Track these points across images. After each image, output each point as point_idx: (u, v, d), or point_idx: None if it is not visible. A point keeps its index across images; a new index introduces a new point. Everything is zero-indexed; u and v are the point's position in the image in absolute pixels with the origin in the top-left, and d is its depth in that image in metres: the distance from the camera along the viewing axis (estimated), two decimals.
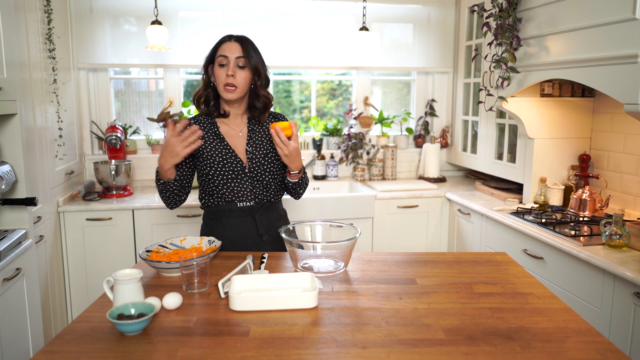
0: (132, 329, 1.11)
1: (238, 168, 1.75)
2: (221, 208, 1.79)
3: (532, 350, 1.06)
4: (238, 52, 1.71)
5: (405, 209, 3.16)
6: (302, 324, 1.17)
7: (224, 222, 1.79)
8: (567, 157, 2.79)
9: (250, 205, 1.79)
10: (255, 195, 1.79)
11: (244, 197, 1.78)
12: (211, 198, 1.80)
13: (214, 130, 1.79)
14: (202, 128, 1.78)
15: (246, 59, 1.71)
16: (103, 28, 3.16)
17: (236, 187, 1.76)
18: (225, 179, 1.75)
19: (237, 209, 1.78)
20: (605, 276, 1.90)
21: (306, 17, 3.41)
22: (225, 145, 1.77)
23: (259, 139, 1.81)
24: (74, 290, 2.82)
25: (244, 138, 1.80)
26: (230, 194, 1.77)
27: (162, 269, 1.47)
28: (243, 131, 1.82)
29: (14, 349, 1.87)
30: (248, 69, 1.72)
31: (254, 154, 1.78)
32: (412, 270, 1.53)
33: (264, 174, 1.79)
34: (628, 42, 1.93)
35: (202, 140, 1.75)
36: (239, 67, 1.71)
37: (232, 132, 1.80)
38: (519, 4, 2.53)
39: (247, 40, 1.75)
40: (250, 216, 1.79)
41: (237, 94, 1.73)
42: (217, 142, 1.77)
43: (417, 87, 3.77)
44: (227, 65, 1.70)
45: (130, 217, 2.82)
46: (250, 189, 1.78)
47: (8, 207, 2.01)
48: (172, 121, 1.68)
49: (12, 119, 1.96)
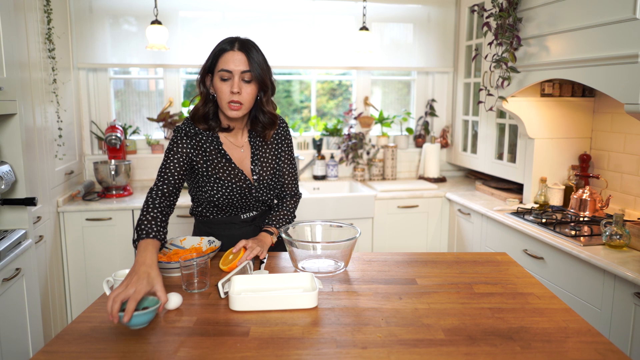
0: (138, 322, 1.11)
1: (244, 188, 1.66)
2: (222, 220, 1.73)
3: (532, 350, 1.06)
4: (243, 65, 1.52)
5: (405, 209, 3.16)
6: (302, 324, 1.16)
7: (225, 231, 1.73)
8: (568, 157, 2.79)
9: (253, 215, 1.76)
10: (258, 207, 1.76)
11: (247, 209, 1.73)
12: (209, 211, 1.71)
13: (216, 146, 1.63)
14: (204, 142, 1.62)
15: (252, 72, 1.52)
16: (103, 28, 3.16)
17: (239, 203, 1.69)
18: (231, 198, 1.66)
19: (240, 221, 1.74)
20: (606, 276, 1.90)
21: (306, 17, 3.41)
22: (234, 168, 1.64)
23: (263, 155, 1.71)
24: (73, 290, 2.82)
25: (247, 155, 1.69)
26: (233, 210, 1.71)
27: (162, 269, 1.46)
28: (245, 147, 1.69)
29: (14, 349, 1.87)
30: (254, 83, 1.55)
31: (261, 175, 1.69)
32: (412, 270, 1.53)
33: (270, 192, 1.74)
34: (628, 42, 1.93)
35: (203, 155, 1.62)
36: (245, 82, 1.54)
37: (234, 149, 1.68)
38: (519, 3, 2.53)
39: (252, 48, 1.55)
40: (252, 224, 1.77)
41: (242, 111, 1.56)
42: (224, 162, 1.63)
43: (417, 87, 3.76)
44: (230, 80, 1.53)
45: (130, 217, 2.82)
46: (254, 202, 1.72)
47: (8, 207, 2.01)
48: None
49: (12, 119, 1.96)
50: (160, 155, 3.33)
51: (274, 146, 1.74)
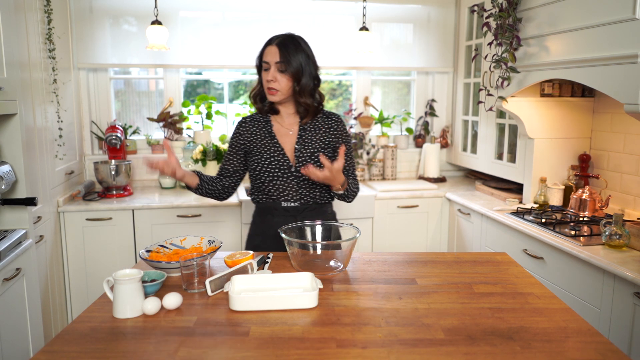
0: (148, 291, 1.30)
1: (285, 166, 1.80)
2: (267, 205, 1.84)
3: (532, 350, 1.06)
4: (277, 57, 1.73)
5: (405, 209, 3.16)
6: (302, 324, 1.17)
7: (269, 219, 1.83)
8: (567, 157, 2.79)
9: (295, 206, 1.82)
10: (301, 196, 1.82)
11: (289, 196, 1.82)
12: (259, 194, 1.86)
13: (267, 128, 1.85)
14: (256, 126, 1.86)
15: (284, 63, 1.73)
16: (103, 28, 3.16)
17: (282, 185, 1.81)
18: (271, 176, 1.80)
19: (281, 207, 1.82)
20: (605, 276, 1.90)
21: (306, 17, 3.41)
22: (275, 143, 1.82)
23: (308, 137, 1.84)
24: (74, 290, 2.82)
25: (294, 137, 1.84)
26: (275, 192, 1.82)
27: (162, 269, 1.47)
28: (294, 130, 1.85)
29: (14, 349, 1.87)
30: (288, 74, 1.75)
31: (302, 152, 1.81)
32: (412, 270, 1.53)
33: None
34: (628, 42, 1.93)
35: (253, 137, 1.84)
36: (280, 72, 1.75)
37: (283, 131, 1.85)
38: (519, 4, 2.53)
39: (288, 44, 1.75)
40: (293, 217, 1.81)
41: (279, 97, 1.78)
42: (268, 140, 1.83)
43: (417, 87, 3.77)
44: (268, 70, 1.76)
45: (130, 217, 2.82)
46: (296, 188, 1.81)
47: (8, 207, 2.01)
48: (146, 159, 1.75)
49: (12, 119, 1.96)
50: (161, 155, 3.34)
51: (324, 135, 1.86)
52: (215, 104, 3.49)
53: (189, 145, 3.32)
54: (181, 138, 3.45)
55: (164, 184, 3.23)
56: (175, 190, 3.19)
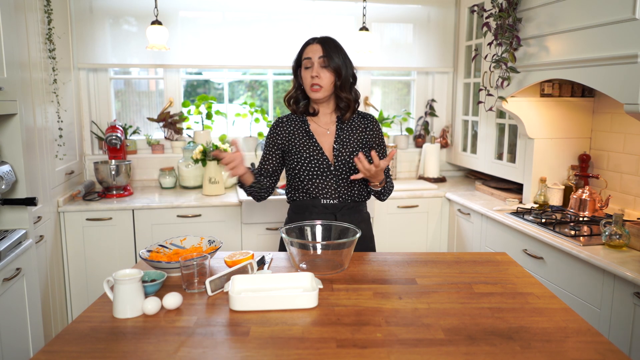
0: (148, 291, 1.30)
1: (324, 165, 1.82)
2: (305, 203, 1.86)
3: (532, 350, 1.06)
4: (320, 52, 1.79)
5: (405, 209, 3.16)
6: (302, 324, 1.17)
7: (307, 216, 1.84)
8: (567, 157, 2.79)
9: (334, 204, 1.84)
10: (340, 194, 1.84)
11: (328, 194, 1.84)
12: (296, 193, 1.88)
13: (304, 127, 1.88)
14: (293, 125, 1.89)
15: (327, 58, 1.78)
16: (103, 28, 3.16)
17: (321, 183, 1.83)
18: (310, 174, 1.83)
19: (321, 205, 1.84)
20: (605, 276, 1.90)
21: (306, 17, 3.41)
22: (314, 143, 1.85)
23: (346, 137, 1.87)
24: (74, 290, 2.82)
25: (332, 136, 1.87)
26: (315, 190, 1.84)
27: (162, 269, 1.47)
28: (331, 129, 1.88)
29: (14, 349, 1.87)
30: (330, 69, 1.79)
31: (340, 152, 1.84)
32: (412, 270, 1.53)
33: (349, 172, 1.84)
34: (628, 42, 1.93)
35: (291, 136, 1.87)
36: (323, 67, 1.79)
37: (320, 130, 1.88)
38: (519, 4, 2.53)
39: (329, 42, 1.82)
40: (332, 214, 1.83)
41: (322, 93, 1.81)
42: (306, 139, 1.85)
43: (417, 87, 3.77)
44: (311, 67, 1.79)
45: (130, 217, 2.82)
46: (335, 187, 1.83)
47: (8, 207, 2.01)
48: (218, 151, 1.80)
49: (12, 119, 1.96)
50: (161, 155, 3.35)
51: (360, 134, 1.89)
52: (215, 104, 3.49)
53: (189, 145, 3.32)
54: (181, 138, 3.45)
55: (164, 184, 3.23)
56: (175, 190, 3.20)
